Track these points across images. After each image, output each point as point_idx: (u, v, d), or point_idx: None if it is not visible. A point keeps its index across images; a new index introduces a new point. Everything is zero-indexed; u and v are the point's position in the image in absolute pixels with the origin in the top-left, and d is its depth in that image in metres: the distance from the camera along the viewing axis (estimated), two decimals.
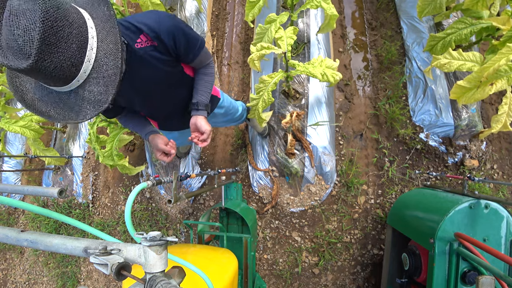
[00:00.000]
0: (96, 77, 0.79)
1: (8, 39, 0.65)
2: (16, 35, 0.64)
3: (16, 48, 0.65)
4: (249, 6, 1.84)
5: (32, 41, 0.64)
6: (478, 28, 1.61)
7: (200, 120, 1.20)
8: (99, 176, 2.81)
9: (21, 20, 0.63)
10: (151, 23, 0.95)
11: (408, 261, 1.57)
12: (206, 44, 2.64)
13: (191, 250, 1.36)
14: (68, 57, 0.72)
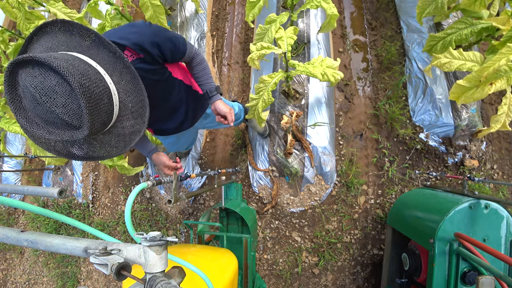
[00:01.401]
0: (125, 114, 0.85)
1: (48, 116, 0.68)
2: (58, 113, 0.67)
3: (61, 123, 0.69)
4: (249, 6, 1.84)
5: (80, 115, 0.69)
6: (478, 28, 1.61)
7: (217, 105, 1.27)
8: (99, 176, 2.81)
9: (58, 98, 0.66)
10: (133, 36, 0.96)
11: (408, 261, 1.57)
12: (206, 44, 2.65)
13: (191, 250, 1.36)
14: (105, 111, 0.76)
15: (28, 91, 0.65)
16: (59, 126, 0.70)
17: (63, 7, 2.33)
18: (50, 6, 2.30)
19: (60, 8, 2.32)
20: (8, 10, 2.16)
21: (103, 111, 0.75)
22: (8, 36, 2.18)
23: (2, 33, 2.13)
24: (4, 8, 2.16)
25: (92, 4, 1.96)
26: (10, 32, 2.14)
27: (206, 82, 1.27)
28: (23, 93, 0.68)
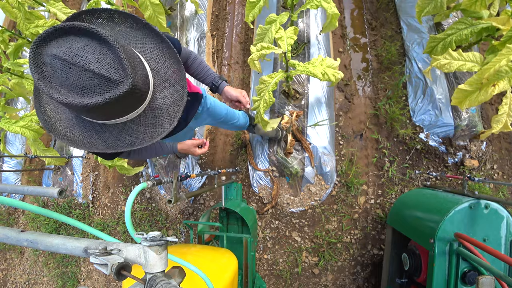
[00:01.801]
0: (161, 83, 0.80)
1: (83, 79, 0.63)
2: (94, 68, 0.62)
3: (98, 82, 0.64)
4: (249, 7, 1.84)
5: (117, 67, 0.64)
6: (478, 28, 1.61)
7: (227, 92, 1.27)
8: (99, 176, 2.81)
9: (89, 55, 0.62)
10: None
11: (408, 261, 1.57)
12: (206, 44, 2.65)
13: (191, 250, 1.36)
14: (141, 70, 0.72)
15: (58, 60, 0.62)
16: (97, 87, 0.64)
17: (63, 7, 2.33)
18: (50, 6, 2.29)
19: (60, 8, 2.31)
20: (8, 10, 2.16)
21: (139, 68, 0.71)
22: (8, 36, 2.18)
23: (2, 33, 2.13)
24: (4, 8, 2.16)
25: (92, 4, 1.95)
26: (10, 32, 2.14)
27: (207, 74, 1.26)
28: (51, 68, 0.63)
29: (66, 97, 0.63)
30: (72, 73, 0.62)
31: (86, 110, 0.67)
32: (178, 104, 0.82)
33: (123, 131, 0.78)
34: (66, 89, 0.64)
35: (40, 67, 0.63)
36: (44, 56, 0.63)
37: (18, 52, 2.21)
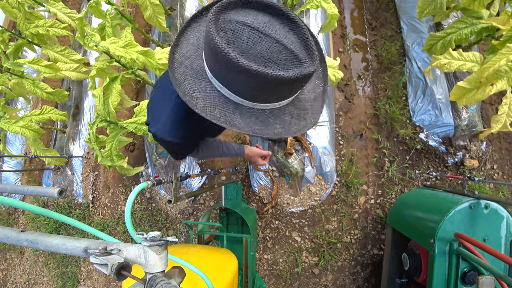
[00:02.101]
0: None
1: (271, 52, 0.59)
2: (286, 43, 0.59)
3: (285, 58, 0.60)
4: None
5: (302, 48, 0.61)
6: (478, 28, 1.61)
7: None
8: (99, 176, 2.81)
9: (278, 30, 0.60)
10: None
11: (408, 261, 1.57)
12: None
13: (191, 250, 1.36)
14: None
15: (246, 28, 0.59)
16: (282, 62, 0.60)
17: (63, 7, 2.33)
18: (50, 6, 2.29)
19: (60, 8, 2.31)
20: (8, 10, 2.16)
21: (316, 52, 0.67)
22: (8, 36, 2.18)
23: (2, 33, 2.13)
24: (4, 8, 2.16)
25: (93, 4, 1.95)
26: (10, 32, 2.14)
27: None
28: (234, 34, 0.59)
29: (252, 65, 0.57)
30: (262, 43, 0.59)
31: (262, 85, 0.61)
32: (319, 100, 0.78)
33: (270, 117, 0.71)
34: (248, 57, 0.59)
35: (222, 31, 0.60)
36: (227, 22, 0.60)
37: (18, 52, 2.21)
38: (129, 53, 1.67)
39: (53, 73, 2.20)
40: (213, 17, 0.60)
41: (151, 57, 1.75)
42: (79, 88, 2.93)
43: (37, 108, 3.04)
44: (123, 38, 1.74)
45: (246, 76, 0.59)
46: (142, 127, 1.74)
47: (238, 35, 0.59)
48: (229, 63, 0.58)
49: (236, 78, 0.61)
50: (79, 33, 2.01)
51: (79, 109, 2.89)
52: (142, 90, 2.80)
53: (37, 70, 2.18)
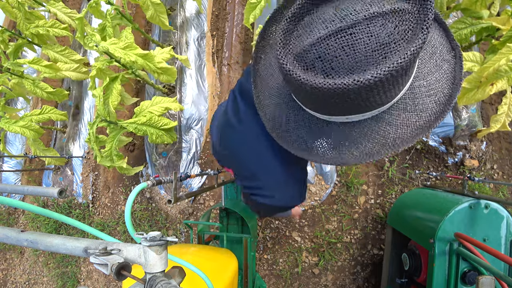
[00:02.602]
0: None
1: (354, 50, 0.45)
2: (384, 34, 0.44)
3: (365, 56, 0.45)
4: (249, 8, 1.83)
5: (386, 46, 0.44)
6: (478, 28, 1.61)
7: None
8: (99, 176, 2.81)
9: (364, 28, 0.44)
10: None
11: (408, 261, 1.57)
12: (206, 44, 2.65)
13: (191, 250, 1.36)
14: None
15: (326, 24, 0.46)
16: (364, 63, 0.45)
17: (63, 7, 2.33)
18: (50, 6, 2.29)
19: (60, 8, 2.32)
20: (8, 10, 2.16)
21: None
22: (8, 36, 2.18)
23: (2, 33, 2.13)
24: (4, 8, 2.16)
25: (93, 4, 1.95)
26: (10, 32, 2.14)
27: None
28: (306, 38, 0.48)
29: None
30: (337, 42, 0.46)
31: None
32: (410, 139, 0.56)
33: (351, 135, 0.57)
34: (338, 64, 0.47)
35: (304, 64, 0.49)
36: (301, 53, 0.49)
37: (18, 52, 2.22)
38: (128, 55, 1.67)
39: (53, 73, 2.20)
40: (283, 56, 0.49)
41: (151, 60, 1.75)
42: (79, 88, 2.93)
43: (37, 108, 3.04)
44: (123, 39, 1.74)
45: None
46: (142, 127, 1.74)
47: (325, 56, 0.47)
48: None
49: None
50: (79, 33, 2.01)
51: (79, 109, 2.89)
52: (142, 90, 2.80)
53: (37, 70, 2.18)
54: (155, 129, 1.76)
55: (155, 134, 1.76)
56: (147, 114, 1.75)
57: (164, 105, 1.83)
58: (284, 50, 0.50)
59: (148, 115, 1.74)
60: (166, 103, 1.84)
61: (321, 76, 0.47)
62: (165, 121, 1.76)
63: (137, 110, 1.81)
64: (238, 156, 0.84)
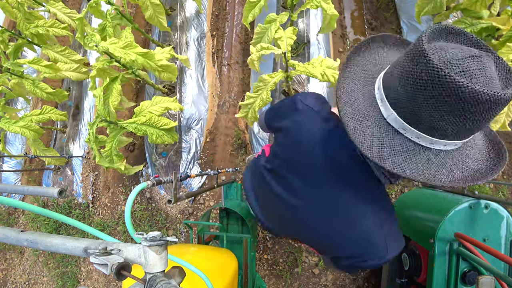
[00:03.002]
0: None
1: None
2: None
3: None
4: (249, 7, 1.83)
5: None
6: (478, 28, 1.61)
7: None
8: (99, 176, 2.81)
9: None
10: None
11: (408, 261, 1.57)
12: (206, 44, 2.65)
13: (191, 250, 1.36)
14: None
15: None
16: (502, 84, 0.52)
17: (63, 7, 2.33)
18: (50, 6, 2.30)
19: (60, 8, 2.32)
20: (8, 10, 2.16)
21: None
22: (8, 36, 2.18)
23: (2, 33, 2.13)
24: (4, 8, 2.16)
25: (93, 4, 1.95)
26: (10, 32, 2.14)
27: None
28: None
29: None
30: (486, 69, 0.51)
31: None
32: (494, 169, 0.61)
33: (453, 160, 0.59)
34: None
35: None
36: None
37: (18, 52, 2.22)
38: (128, 55, 1.67)
39: (53, 73, 2.20)
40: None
41: (151, 58, 1.75)
42: (79, 88, 2.93)
43: (37, 108, 3.04)
44: (123, 38, 1.74)
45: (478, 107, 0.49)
46: (142, 127, 1.74)
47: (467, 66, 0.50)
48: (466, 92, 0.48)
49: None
50: (79, 33, 2.01)
51: (79, 109, 2.89)
52: (142, 90, 2.80)
53: (37, 70, 2.19)
54: (155, 129, 1.76)
55: (155, 134, 1.76)
56: (147, 114, 1.75)
57: (164, 105, 1.83)
58: (438, 60, 0.51)
59: (148, 115, 1.74)
60: (166, 103, 1.84)
61: (483, 84, 0.50)
62: (165, 121, 1.76)
63: (137, 110, 1.81)
64: (319, 236, 0.78)
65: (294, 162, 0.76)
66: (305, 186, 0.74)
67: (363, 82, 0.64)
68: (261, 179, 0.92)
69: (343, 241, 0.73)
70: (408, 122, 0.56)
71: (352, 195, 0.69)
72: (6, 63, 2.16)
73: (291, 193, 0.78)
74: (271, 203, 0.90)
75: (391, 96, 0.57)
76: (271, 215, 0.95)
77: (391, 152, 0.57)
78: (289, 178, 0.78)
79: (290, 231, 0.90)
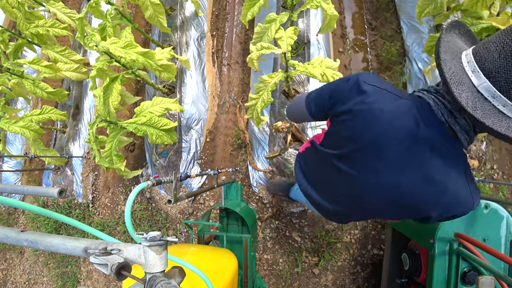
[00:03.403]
0: None
1: None
2: None
3: None
4: (248, 5, 1.82)
5: None
6: (478, 28, 1.61)
7: None
8: (99, 176, 2.81)
9: None
10: None
11: (408, 261, 1.57)
12: (206, 44, 2.65)
13: (191, 250, 1.36)
14: None
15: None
16: None
17: (63, 7, 2.33)
18: (50, 6, 2.30)
19: (60, 8, 2.32)
20: (8, 10, 2.16)
21: None
22: (8, 36, 2.18)
23: (2, 33, 2.13)
24: (4, 8, 2.16)
25: (93, 4, 1.96)
26: (10, 32, 2.14)
27: None
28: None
29: None
30: None
31: None
32: None
33: None
34: None
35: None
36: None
37: (18, 52, 2.22)
38: (129, 54, 1.67)
39: (53, 73, 2.20)
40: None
41: (151, 58, 1.75)
42: (79, 88, 2.93)
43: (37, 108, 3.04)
44: (123, 38, 1.74)
45: None
46: (142, 128, 1.75)
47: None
48: None
49: None
50: (79, 33, 2.01)
51: (79, 109, 2.89)
52: (142, 90, 2.80)
53: (37, 70, 2.19)
54: (155, 129, 1.76)
55: (155, 134, 1.76)
56: (147, 114, 1.75)
57: (164, 106, 1.83)
58: None
59: (148, 115, 1.74)
60: (166, 104, 1.84)
61: None
62: (165, 122, 1.76)
63: (137, 110, 1.81)
64: (412, 204, 0.83)
65: (372, 142, 0.80)
66: (392, 161, 0.80)
67: (450, 55, 0.73)
68: (326, 166, 0.96)
69: (437, 205, 0.80)
70: (499, 90, 0.65)
71: (440, 162, 0.76)
72: (6, 63, 2.16)
73: (373, 173, 0.83)
74: (344, 187, 0.93)
75: (486, 67, 0.66)
76: (346, 200, 0.96)
77: (483, 115, 0.66)
78: (369, 159, 0.82)
79: (371, 209, 0.93)
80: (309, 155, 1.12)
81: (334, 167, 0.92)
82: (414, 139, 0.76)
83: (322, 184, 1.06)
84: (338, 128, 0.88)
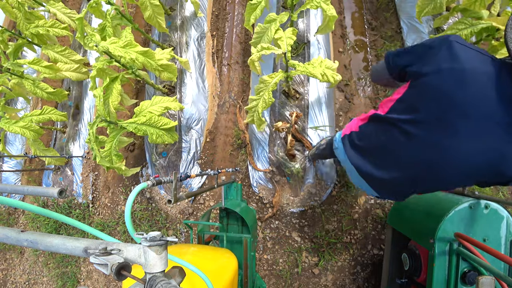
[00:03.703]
0: None
1: None
2: None
3: None
4: (250, 10, 1.83)
5: None
6: (478, 28, 1.61)
7: None
8: (99, 176, 2.81)
9: None
10: None
11: (408, 261, 1.57)
12: (206, 44, 2.65)
13: (191, 250, 1.36)
14: None
15: None
16: None
17: (63, 7, 2.33)
18: (50, 6, 2.30)
19: (60, 8, 2.32)
20: (8, 10, 2.16)
21: None
22: (8, 36, 2.18)
23: (2, 33, 2.13)
24: (4, 8, 2.16)
25: (93, 4, 1.95)
26: (10, 32, 2.14)
27: None
28: None
29: None
30: None
31: None
32: None
33: None
34: None
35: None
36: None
37: (18, 52, 2.22)
38: (128, 53, 1.67)
39: (53, 74, 2.20)
40: None
41: (151, 57, 1.75)
42: (79, 88, 2.93)
43: (37, 108, 3.04)
44: (123, 38, 1.74)
45: None
46: (142, 127, 1.74)
47: None
48: None
49: None
50: (79, 33, 2.01)
51: (79, 109, 2.89)
52: (142, 90, 2.80)
53: (37, 70, 2.19)
54: (155, 129, 1.76)
55: (155, 134, 1.76)
56: (147, 114, 1.75)
57: (164, 105, 1.83)
58: None
59: (148, 115, 1.74)
60: (166, 103, 1.84)
61: None
62: (165, 121, 1.76)
63: (137, 110, 1.81)
64: (494, 162, 0.82)
65: (460, 102, 0.78)
66: (484, 120, 0.78)
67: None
68: (391, 136, 0.96)
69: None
70: None
71: None
72: (6, 63, 2.16)
73: (456, 135, 0.81)
74: (416, 154, 0.91)
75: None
76: (417, 168, 0.94)
77: None
78: (455, 120, 0.80)
79: (439, 174, 0.91)
80: (367, 130, 1.18)
81: (405, 134, 0.90)
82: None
83: (383, 155, 1.04)
84: (419, 90, 0.86)
